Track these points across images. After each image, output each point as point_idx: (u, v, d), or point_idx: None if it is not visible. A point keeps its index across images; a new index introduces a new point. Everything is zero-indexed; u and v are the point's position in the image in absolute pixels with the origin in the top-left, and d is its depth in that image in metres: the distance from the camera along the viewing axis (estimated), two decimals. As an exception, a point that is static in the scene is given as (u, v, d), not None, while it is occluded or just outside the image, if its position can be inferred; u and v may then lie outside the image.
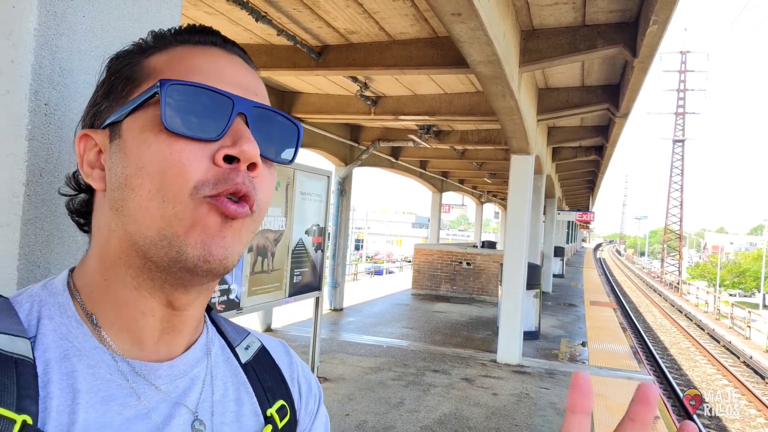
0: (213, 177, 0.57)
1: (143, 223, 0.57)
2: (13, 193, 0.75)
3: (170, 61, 0.62)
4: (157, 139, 0.57)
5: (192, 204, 0.56)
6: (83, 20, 0.83)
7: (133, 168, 0.58)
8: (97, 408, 0.56)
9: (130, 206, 0.58)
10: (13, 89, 0.75)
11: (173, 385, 0.63)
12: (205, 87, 0.58)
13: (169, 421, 0.60)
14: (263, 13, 5.53)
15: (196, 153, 0.57)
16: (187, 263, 0.57)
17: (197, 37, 0.64)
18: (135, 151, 0.58)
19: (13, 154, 0.75)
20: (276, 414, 0.71)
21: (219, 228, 0.57)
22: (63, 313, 0.59)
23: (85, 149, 0.63)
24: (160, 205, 0.56)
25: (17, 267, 0.76)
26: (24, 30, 0.75)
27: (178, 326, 0.64)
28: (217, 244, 0.57)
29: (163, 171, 0.56)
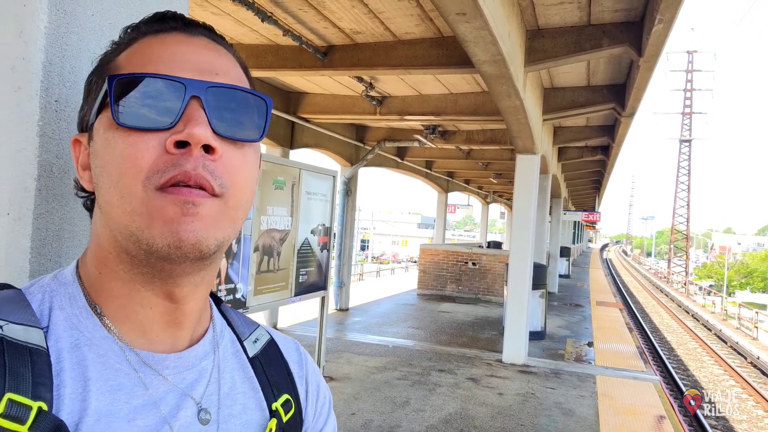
0: (163, 164, 0.56)
1: (114, 220, 0.59)
2: (25, 188, 0.76)
3: (130, 56, 0.62)
4: (114, 136, 0.58)
5: (146, 196, 0.56)
6: (92, 18, 0.84)
7: (99, 168, 0.60)
8: (106, 396, 0.57)
9: (102, 205, 0.60)
10: (24, 86, 0.76)
11: (180, 377, 0.64)
12: (150, 75, 0.58)
13: (176, 412, 0.61)
14: (269, 13, 5.55)
15: (148, 144, 0.56)
16: (159, 253, 0.57)
17: (157, 26, 0.64)
18: (100, 151, 0.60)
19: (25, 150, 0.76)
20: (281, 408, 0.72)
21: (182, 214, 0.56)
22: (73, 303, 0.61)
23: (79, 153, 0.66)
24: (120, 202, 0.57)
25: (29, 260, 0.77)
26: (35, 28, 0.77)
27: (180, 319, 0.65)
28: (185, 229, 0.56)
29: (118, 167, 0.57)
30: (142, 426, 0.58)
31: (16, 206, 0.76)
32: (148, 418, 0.59)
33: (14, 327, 0.56)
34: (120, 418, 0.57)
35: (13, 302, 0.59)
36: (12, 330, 0.55)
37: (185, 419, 0.62)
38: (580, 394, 6.82)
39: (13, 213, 0.76)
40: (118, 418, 0.57)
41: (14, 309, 0.58)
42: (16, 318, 0.57)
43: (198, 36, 0.64)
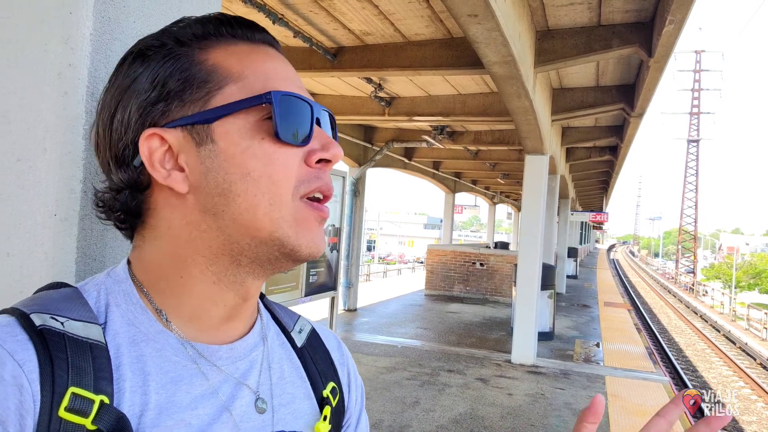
0: (306, 176, 0.63)
1: (252, 226, 0.61)
2: (71, 190, 0.79)
3: (243, 63, 0.63)
4: (261, 146, 0.61)
5: (293, 206, 0.62)
6: (134, 25, 0.87)
7: (238, 174, 0.60)
8: (167, 388, 0.59)
9: (234, 211, 0.60)
10: (71, 91, 0.78)
11: (234, 367, 0.66)
12: (298, 96, 0.63)
13: (233, 400, 0.63)
14: (280, 15, 5.58)
15: (294, 158, 0.62)
16: (300, 257, 0.64)
17: (252, 34, 0.66)
18: (239, 158, 0.60)
19: (71, 153, 0.79)
20: (330, 395, 0.75)
21: (318, 227, 0.65)
22: (128, 300, 0.63)
23: (152, 149, 0.61)
24: (268, 209, 0.60)
25: (75, 260, 0.79)
26: (80, 35, 0.79)
27: (242, 313, 0.68)
28: (321, 240, 0.65)
29: (270, 176, 0.60)
30: (203, 414, 0.60)
31: (63, 207, 0.78)
32: (209, 407, 0.61)
33: (74, 323, 0.57)
34: (182, 408, 0.59)
35: (71, 300, 0.61)
36: (72, 326, 0.57)
37: (243, 407, 0.64)
38: (590, 394, 6.82)
39: (60, 214, 0.78)
40: (180, 408, 0.59)
41: (73, 306, 0.60)
42: (75, 315, 0.58)
43: (281, 53, 0.70)
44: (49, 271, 0.78)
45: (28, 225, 0.78)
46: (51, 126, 0.78)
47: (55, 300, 0.60)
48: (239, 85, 0.62)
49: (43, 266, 0.78)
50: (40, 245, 0.78)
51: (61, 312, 0.58)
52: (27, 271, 0.78)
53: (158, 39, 0.64)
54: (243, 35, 0.66)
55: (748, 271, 56.57)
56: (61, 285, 0.65)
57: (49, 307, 0.58)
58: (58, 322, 0.57)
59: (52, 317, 0.57)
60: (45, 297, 0.61)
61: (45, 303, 0.59)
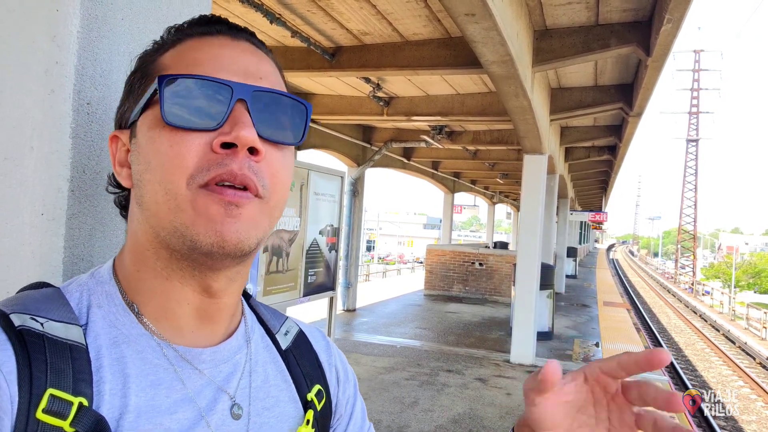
0: (207, 163, 0.58)
1: (158, 216, 0.60)
2: (58, 189, 0.78)
3: (175, 56, 0.63)
4: (161, 134, 0.59)
5: (190, 194, 0.58)
6: (122, 23, 0.86)
7: (143, 164, 0.61)
8: (147, 391, 0.59)
9: (146, 201, 0.61)
10: (58, 89, 0.78)
11: (217, 370, 0.65)
12: (200, 77, 0.59)
13: (213, 405, 0.63)
14: (277, 15, 5.58)
15: (194, 143, 0.58)
16: (202, 249, 0.58)
17: (203, 28, 0.65)
18: (144, 148, 0.61)
19: (58, 152, 0.78)
20: (315, 398, 0.74)
21: (225, 215, 0.58)
22: (110, 301, 0.62)
23: (116, 149, 0.66)
24: (165, 198, 0.59)
25: (62, 259, 0.79)
26: (67, 33, 0.78)
27: (214, 314, 0.66)
28: (229, 230, 0.58)
29: (163, 164, 0.59)
30: (182, 419, 0.60)
31: (50, 206, 0.78)
32: (187, 411, 0.60)
33: (54, 324, 0.57)
34: (161, 412, 0.59)
35: (52, 300, 0.60)
36: (52, 327, 0.56)
37: (220, 413, 0.63)
38: (589, 394, 6.80)
39: (47, 213, 0.77)
40: (160, 412, 0.58)
41: (54, 307, 0.59)
42: (55, 315, 0.58)
43: (241, 40, 0.65)
44: (36, 270, 0.77)
45: (15, 224, 0.77)
46: (38, 124, 0.77)
47: (36, 300, 0.59)
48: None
49: (30, 265, 0.77)
50: (28, 245, 0.77)
51: (42, 313, 0.57)
52: (14, 270, 0.77)
53: (151, 45, 0.68)
54: (192, 32, 0.65)
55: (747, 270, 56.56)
56: (44, 285, 0.65)
57: (30, 308, 0.57)
58: (38, 322, 0.56)
59: (32, 317, 0.56)
60: (26, 297, 0.60)
61: (26, 303, 0.58)
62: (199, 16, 0.67)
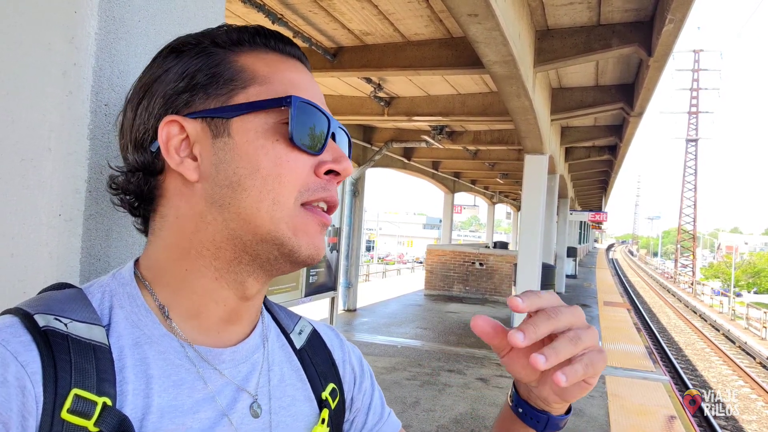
0: (312, 185, 0.64)
1: (253, 222, 0.61)
2: (76, 190, 0.78)
3: (271, 69, 0.66)
4: (275, 146, 0.62)
5: (295, 210, 0.63)
6: (139, 24, 0.86)
7: (248, 170, 0.61)
8: (169, 392, 0.59)
9: (240, 205, 0.61)
10: (76, 90, 0.78)
11: (236, 370, 0.66)
12: (317, 107, 0.65)
13: (233, 405, 0.64)
14: (279, 15, 5.58)
15: (305, 164, 0.64)
16: (298, 259, 0.64)
17: (287, 48, 0.69)
18: (252, 154, 0.62)
19: (76, 153, 0.78)
20: (329, 397, 0.75)
21: (320, 233, 0.66)
22: (132, 302, 0.63)
23: (170, 135, 0.63)
24: (270, 207, 0.61)
25: (80, 260, 0.79)
26: (85, 34, 0.79)
27: (243, 314, 0.68)
28: (321, 245, 0.66)
29: (279, 176, 0.62)
30: (203, 419, 0.61)
31: (68, 207, 0.78)
32: (209, 411, 0.61)
33: (78, 325, 0.57)
34: (184, 412, 0.59)
35: (75, 301, 0.60)
36: (76, 328, 0.57)
37: (241, 411, 0.64)
38: (590, 393, 6.82)
39: (64, 214, 0.78)
40: (182, 412, 0.59)
41: (77, 307, 0.59)
42: (79, 316, 0.58)
43: (308, 69, 0.72)
44: (53, 271, 0.77)
45: (32, 225, 0.78)
46: (55, 126, 0.78)
47: (59, 301, 0.60)
48: (263, 88, 0.64)
49: (47, 266, 0.77)
50: (45, 245, 0.77)
51: (65, 313, 0.58)
52: (31, 271, 0.78)
53: (196, 38, 0.66)
54: (275, 46, 0.68)
55: (747, 270, 56.63)
56: (66, 286, 0.65)
57: (53, 308, 0.58)
58: (62, 323, 0.56)
59: (56, 318, 0.57)
60: (49, 298, 0.60)
61: (49, 304, 0.59)
62: (271, 30, 0.69)
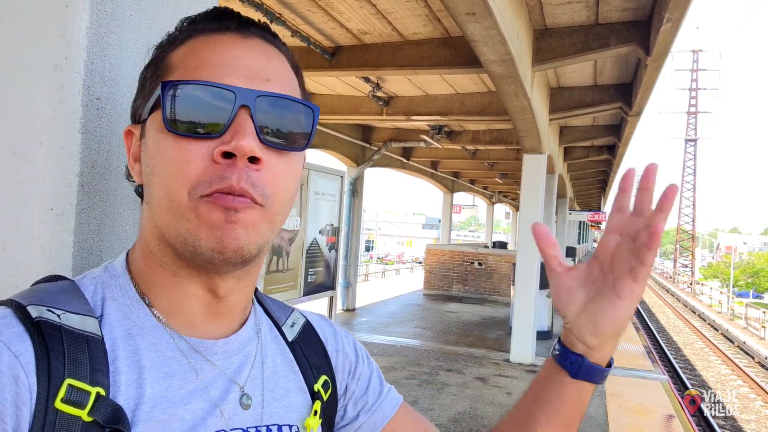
0: (209, 176, 0.57)
1: (163, 219, 0.61)
2: (68, 184, 0.78)
3: (184, 56, 0.63)
4: (165, 139, 0.59)
5: (191, 203, 0.58)
6: (131, 18, 0.86)
7: (150, 167, 0.62)
8: (161, 383, 0.59)
9: (152, 202, 0.62)
10: (67, 84, 0.78)
11: (228, 362, 0.66)
12: (202, 83, 0.59)
13: (225, 396, 0.64)
14: (277, 14, 5.58)
15: (197, 152, 0.58)
16: (203, 256, 0.59)
17: (213, 24, 0.64)
18: (152, 151, 0.61)
19: (68, 147, 0.78)
20: (321, 389, 0.75)
21: (225, 222, 0.58)
22: (124, 294, 0.63)
23: (131, 143, 0.67)
24: (169, 204, 0.59)
25: (72, 254, 0.79)
26: (77, 28, 0.79)
27: (223, 311, 0.67)
28: (229, 236, 0.58)
29: (167, 171, 0.59)
30: (195, 409, 0.61)
31: (60, 201, 0.78)
32: (201, 402, 0.61)
33: (71, 316, 0.58)
34: (176, 403, 0.59)
35: (68, 293, 0.61)
36: (69, 319, 0.57)
37: (233, 403, 0.64)
38: (589, 393, 6.81)
39: (56, 208, 0.78)
40: (174, 402, 0.59)
41: (70, 299, 0.60)
42: (72, 307, 0.59)
43: (252, 37, 0.64)
44: (46, 265, 0.77)
45: (24, 219, 0.78)
46: (47, 120, 0.78)
47: (52, 293, 0.60)
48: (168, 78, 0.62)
49: (40, 260, 0.77)
50: (37, 239, 0.77)
51: (58, 304, 0.58)
52: (24, 265, 0.78)
53: (165, 38, 0.67)
54: (204, 28, 0.64)
55: (746, 270, 56.64)
56: (59, 278, 0.65)
57: (46, 300, 0.58)
58: (55, 314, 0.57)
59: (48, 309, 0.57)
60: (42, 289, 0.61)
61: (42, 295, 0.59)
62: (212, 9, 0.66)
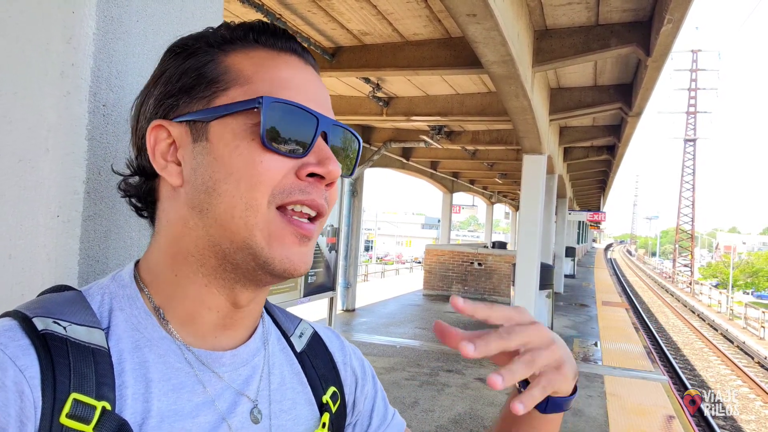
0: (289, 186, 0.60)
1: (228, 229, 0.59)
2: (74, 191, 0.78)
3: (256, 68, 0.62)
4: (249, 148, 0.59)
5: (270, 215, 0.59)
6: (137, 25, 0.86)
7: (222, 174, 0.59)
8: (169, 396, 0.59)
9: (216, 210, 0.60)
10: (74, 91, 0.78)
11: (236, 374, 0.65)
12: (298, 106, 0.61)
13: (233, 409, 0.63)
14: (278, 15, 5.57)
15: (283, 166, 0.60)
16: (273, 271, 0.61)
17: (277, 42, 0.65)
18: (226, 158, 0.60)
19: (74, 153, 0.78)
20: (330, 400, 0.74)
21: (298, 244, 0.61)
22: (132, 304, 0.62)
23: (157, 140, 0.63)
24: (244, 213, 0.59)
25: (78, 262, 0.79)
26: (83, 35, 0.78)
27: (238, 321, 0.66)
28: (299, 259, 0.61)
29: (250, 179, 0.59)
30: (203, 423, 0.60)
31: (66, 209, 0.78)
32: (208, 415, 0.61)
33: (77, 328, 0.57)
34: (184, 416, 0.59)
35: (74, 304, 0.60)
36: (75, 331, 0.56)
37: (241, 416, 0.63)
38: (588, 394, 6.82)
39: (62, 215, 0.77)
40: (182, 416, 0.59)
41: (76, 310, 0.59)
42: (78, 319, 0.58)
43: (310, 65, 0.67)
44: (51, 272, 0.77)
45: (30, 226, 0.77)
46: (53, 126, 0.77)
47: (58, 304, 0.59)
48: (245, 89, 0.61)
49: (45, 268, 0.77)
50: (43, 247, 0.77)
51: (64, 316, 0.57)
52: (29, 273, 0.77)
53: (193, 38, 0.66)
54: (266, 42, 0.65)
55: (745, 269, 56.72)
56: (65, 288, 0.64)
57: (52, 311, 0.57)
58: (61, 326, 0.56)
59: (54, 321, 0.56)
60: (48, 300, 0.60)
61: (48, 307, 0.58)
62: (267, 24, 0.66)
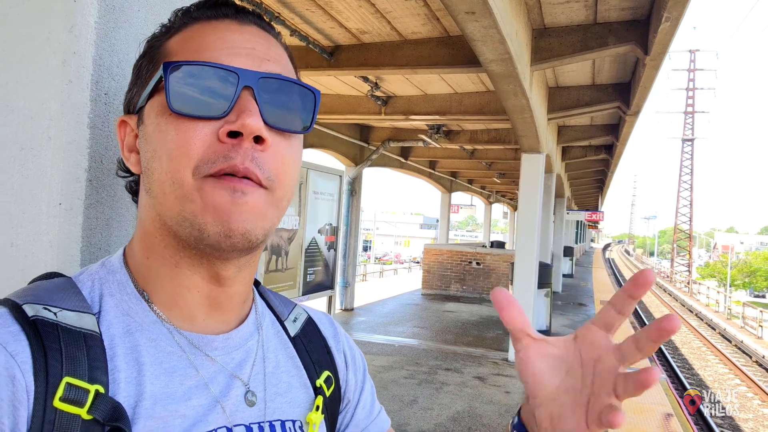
0: (213, 154, 0.57)
1: (165, 205, 0.60)
2: (76, 179, 0.78)
3: (182, 41, 0.63)
4: (167, 121, 0.59)
5: (196, 184, 0.57)
6: (138, 13, 0.86)
7: (150, 153, 0.61)
8: (161, 379, 0.59)
9: (154, 189, 0.61)
10: (76, 79, 0.78)
11: (229, 357, 0.65)
12: (205, 64, 0.59)
13: (227, 392, 0.63)
14: (276, 14, 5.57)
15: (201, 132, 0.58)
16: (209, 240, 0.58)
17: (209, 12, 0.64)
18: (151, 136, 0.61)
19: (76, 142, 0.78)
20: (324, 384, 0.74)
21: (231, 204, 0.57)
22: (122, 290, 0.62)
23: (125, 134, 0.66)
24: (172, 187, 0.58)
25: (80, 249, 0.79)
26: (85, 23, 0.79)
27: (224, 302, 0.66)
28: (236, 220, 0.57)
29: (170, 153, 0.58)
30: (196, 405, 0.60)
31: (68, 196, 0.78)
32: (201, 398, 0.61)
33: (68, 313, 0.57)
34: (176, 399, 0.59)
35: (64, 290, 0.60)
36: (66, 316, 0.56)
37: (234, 399, 0.63)
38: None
39: (64, 203, 0.78)
40: (175, 399, 0.59)
41: (66, 296, 0.59)
42: (68, 305, 0.58)
43: (249, 24, 0.64)
44: (53, 260, 0.77)
45: (32, 214, 0.78)
46: (55, 114, 0.78)
47: (48, 290, 0.59)
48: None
49: (48, 255, 0.77)
50: (45, 234, 0.77)
51: (55, 302, 0.57)
52: (32, 260, 0.78)
53: (158, 29, 0.68)
54: (199, 15, 0.64)
55: (743, 269, 56.79)
56: (55, 275, 0.65)
57: (42, 298, 0.57)
58: (51, 312, 0.56)
59: (45, 308, 0.56)
60: (38, 287, 0.60)
61: (38, 293, 0.58)
62: (202, 2, 0.66)
